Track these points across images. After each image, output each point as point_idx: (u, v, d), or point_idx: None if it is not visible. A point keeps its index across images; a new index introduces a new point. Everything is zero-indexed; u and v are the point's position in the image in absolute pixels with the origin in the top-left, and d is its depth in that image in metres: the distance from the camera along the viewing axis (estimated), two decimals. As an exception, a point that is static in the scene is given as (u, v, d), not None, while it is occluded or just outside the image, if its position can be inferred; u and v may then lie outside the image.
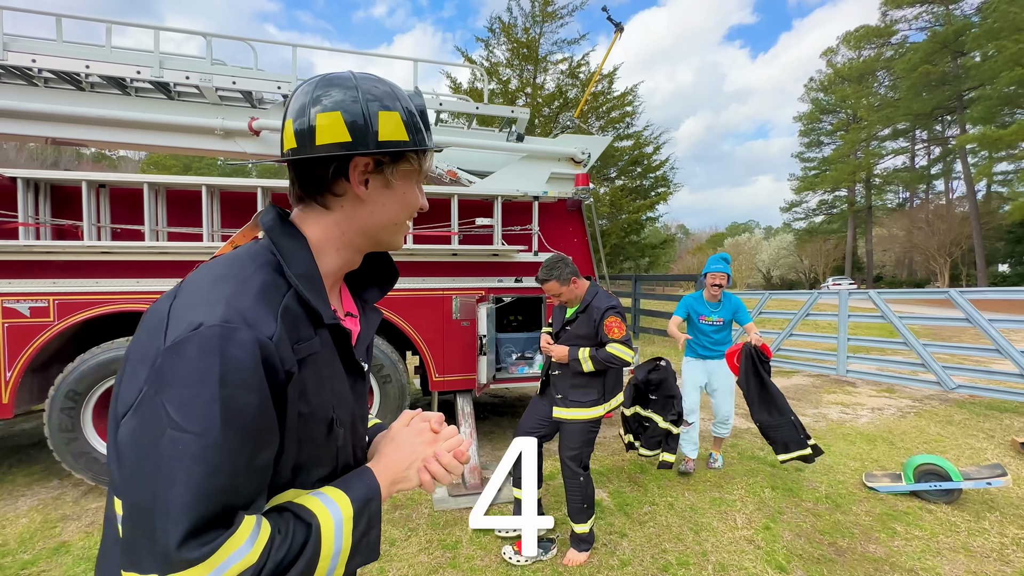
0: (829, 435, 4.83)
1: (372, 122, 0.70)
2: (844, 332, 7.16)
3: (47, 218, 3.62)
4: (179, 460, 0.55)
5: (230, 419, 0.56)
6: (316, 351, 0.69)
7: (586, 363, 2.65)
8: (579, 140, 5.12)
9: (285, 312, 0.65)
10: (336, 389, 0.74)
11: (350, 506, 0.69)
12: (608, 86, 16.90)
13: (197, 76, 4.25)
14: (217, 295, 0.62)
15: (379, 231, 0.78)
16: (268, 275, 0.67)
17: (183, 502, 0.54)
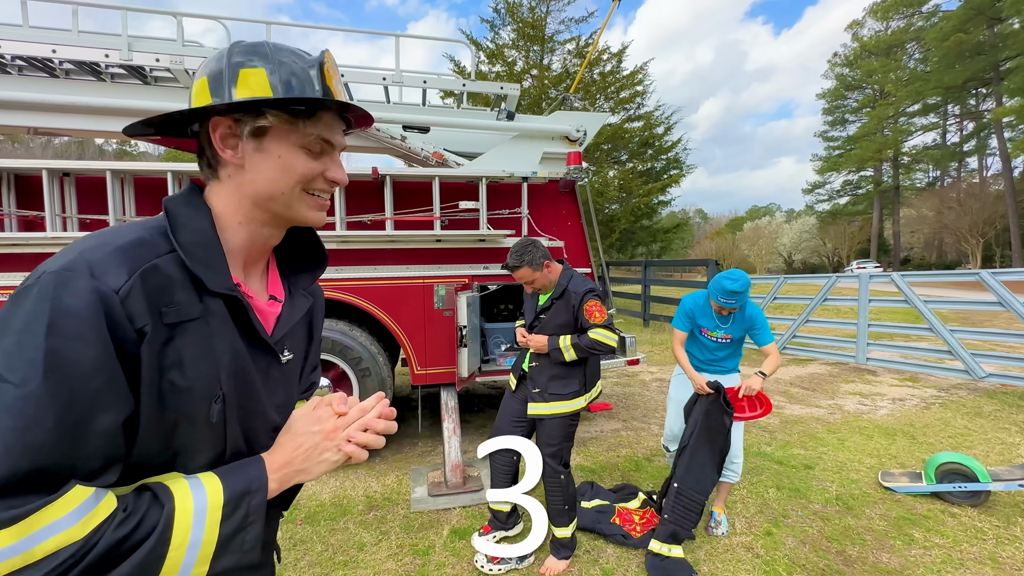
0: (844, 428, 4.51)
1: (231, 80, 0.67)
2: (864, 317, 6.74)
3: (11, 209, 3.51)
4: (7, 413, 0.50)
5: (55, 370, 0.52)
6: (194, 318, 0.64)
7: (568, 352, 2.44)
8: (574, 117, 4.81)
9: (152, 270, 0.61)
10: (229, 365, 0.68)
11: (220, 494, 0.63)
12: (617, 65, 16.31)
13: (167, 58, 4.06)
14: (77, 247, 0.59)
15: (269, 201, 0.72)
16: (146, 236, 0.64)
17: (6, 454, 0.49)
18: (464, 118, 4.85)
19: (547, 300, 2.58)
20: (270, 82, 0.67)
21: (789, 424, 4.65)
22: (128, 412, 0.58)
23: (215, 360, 0.66)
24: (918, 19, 35.44)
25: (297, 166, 0.71)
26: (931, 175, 42.45)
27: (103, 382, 0.55)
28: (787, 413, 4.99)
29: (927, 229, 37.18)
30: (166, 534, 0.57)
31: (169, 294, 0.62)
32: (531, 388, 2.60)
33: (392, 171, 3.85)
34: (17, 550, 0.49)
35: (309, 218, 0.76)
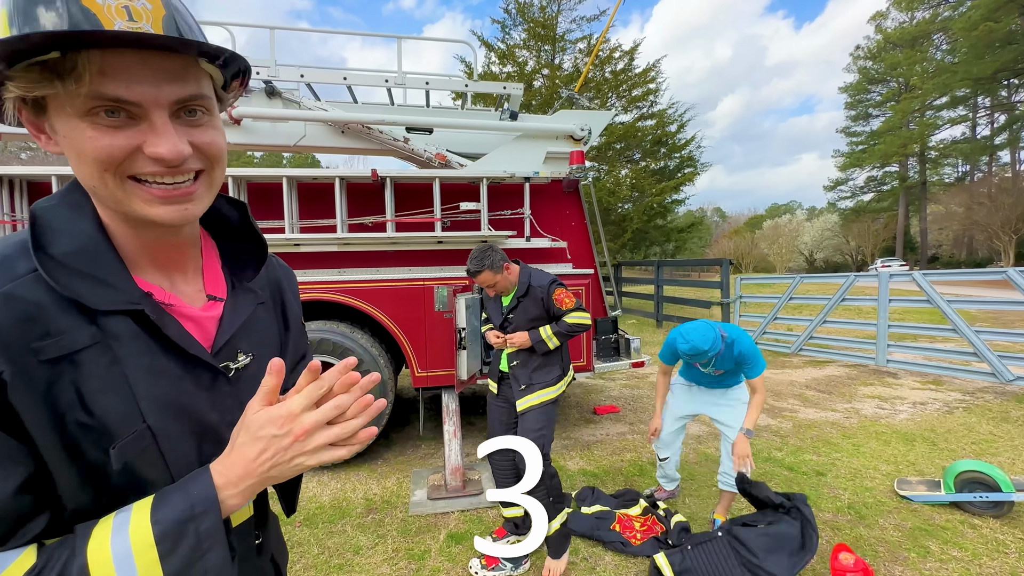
0: (860, 433, 4.34)
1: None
2: (884, 318, 6.51)
3: (24, 215, 3.60)
4: None
5: None
6: (85, 346, 0.53)
7: (551, 340, 2.55)
8: (578, 116, 4.75)
9: (7, 300, 0.49)
10: (151, 392, 0.57)
11: (148, 532, 0.51)
12: (629, 63, 16.13)
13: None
14: None
15: (96, 198, 0.57)
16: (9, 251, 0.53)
17: None
18: (467, 119, 4.83)
19: (512, 300, 2.65)
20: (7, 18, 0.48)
21: (802, 428, 4.51)
22: (25, 471, 0.50)
23: (128, 390, 0.55)
24: (944, 9, 34.33)
25: (85, 147, 0.51)
26: (960, 170, 41.00)
27: None
28: (801, 417, 4.84)
29: (956, 226, 35.89)
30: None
31: (41, 324, 0.51)
32: (517, 386, 2.61)
33: (393, 173, 3.85)
34: None
35: (150, 214, 0.56)
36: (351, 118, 4.38)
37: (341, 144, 4.62)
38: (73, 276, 0.53)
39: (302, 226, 3.82)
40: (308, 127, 4.52)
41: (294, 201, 3.82)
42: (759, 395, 2.64)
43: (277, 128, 4.51)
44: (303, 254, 3.80)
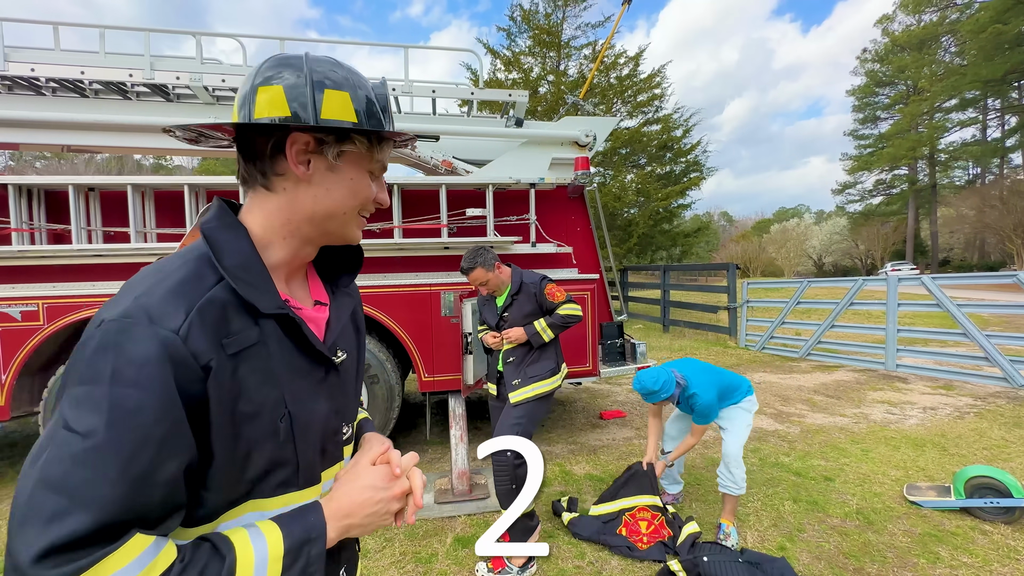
0: (869, 438, 4.31)
1: (316, 98, 0.65)
2: (894, 322, 6.46)
3: (41, 223, 3.69)
4: (59, 463, 0.50)
5: (119, 420, 0.51)
6: (253, 343, 0.64)
7: (546, 332, 2.68)
8: (583, 122, 4.79)
9: (207, 304, 0.60)
10: (291, 384, 0.68)
11: (280, 544, 0.61)
12: (634, 69, 16.19)
13: (187, 76, 4.22)
14: (129, 292, 0.59)
15: (326, 220, 0.72)
16: (193, 268, 0.62)
17: (55, 508, 0.48)
18: (473, 126, 4.89)
19: (506, 299, 2.77)
20: (354, 108, 0.67)
21: (810, 434, 4.48)
22: (190, 458, 0.57)
23: (277, 381, 0.66)
24: (952, 11, 34.13)
25: (363, 189, 0.73)
26: (971, 172, 40.57)
27: (166, 429, 0.54)
28: (809, 422, 4.81)
29: (967, 229, 35.49)
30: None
31: (227, 324, 0.61)
32: (510, 381, 2.69)
33: (400, 180, 3.90)
34: None
35: (355, 237, 0.78)
36: (359, 126, 4.45)
37: (349, 152, 4.69)
38: (242, 284, 0.63)
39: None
40: (317, 135, 4.59)
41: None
42: (693, 438, 2.86)
43: (286, 137, 4.58)
44: (312, 260, 3.85)
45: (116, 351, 0.53)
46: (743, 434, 2.81)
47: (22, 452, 4.43)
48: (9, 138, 4.35)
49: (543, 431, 4.67)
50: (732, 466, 2.77)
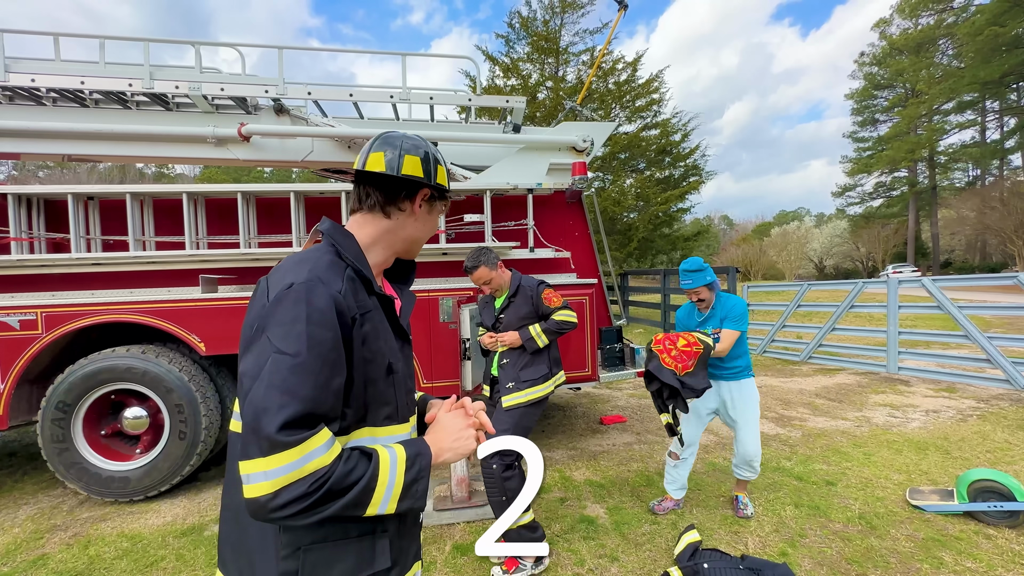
0: (871, 442, 4.28)
1: (435, 169, 1.04)
2: (895, 325, 6.44)
3: (41, 232, 3.70)
4: (279, 373, 0.75)
5: (313, 346, 0.78)
6: (371, 309, 0.91)
7: (540, 337, 2.68)
8: (580, 127, 4.80)
9: (351, 277, 0.90)
10: (390, 343, 0.96)
11: (403, 452, 0.87)
12: (632, 74, 16.26)
13: (186, 85, 4.25)
14: (301, 267, 0.86)
15: (414, 242, 1.08)
16: (333, 257, 0.91)
17: (282, 401, 0.74)
18: (471, 132, 4.91)
19: (504, 300, 2.78)
20: (447, 175, 1.08)
21: (812, 438, 4.45)
22: (346, 375, 0.84)
23: (385, 340, 0.94)
24: (948, 15, 34.28)
25: (435, 226, 1.11)
26: (971, 174, 40.59)
27: (338, 354, 0.81)
28: (810, 426, 4.78)
29: (968, 231, 35.45)
30: (375, 474, 0.81)
31: (357, 293, 0.90)
32: (503, 384, 2.68)
33: (397, 186, 3.91)
34: (296, 465, 0.73)
35: (416, 254, 1.14)
36: (357, 133, 4.47)
37: (347, 159, 4.70)
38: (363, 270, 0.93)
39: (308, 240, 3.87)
40: (315, 143, 4.61)
41: (301, 215, 3.89)
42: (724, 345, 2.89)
43: (286, 144, 4.61)
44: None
45: (308, 302, 0.80)
46: (757, 427, 2.95)
47: (21, 462, 4.42)
48: (11, 148, 4.38)
49: (543, 436, 4.65)
50: (751, 457, 2.97)
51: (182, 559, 2.77)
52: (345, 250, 0.93)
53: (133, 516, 3.33)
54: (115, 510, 3.43)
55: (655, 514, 3.12)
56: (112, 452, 3.53)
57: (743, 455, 3.00)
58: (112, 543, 2.96)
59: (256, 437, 0.73)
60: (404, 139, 1.01)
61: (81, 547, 2.92)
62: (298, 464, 0.73)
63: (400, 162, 0.98)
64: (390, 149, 0.99)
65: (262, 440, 0.72)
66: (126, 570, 2.68)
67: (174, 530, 3.08)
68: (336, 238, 0.95)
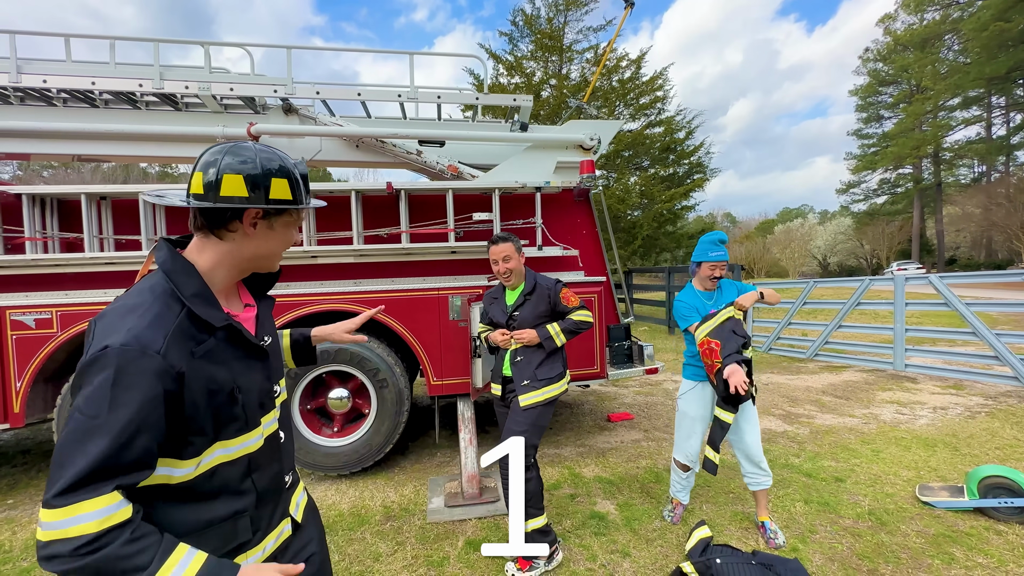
0: (879, 439, 4.29)
1: (268, 186, 0.97)
2: (901, 322, 6.43)
3: (54, 232, 3.74)
4: (76, 432, 0.78)
5: (115, 408, 0.79)
6: (212, 347, 0.94)
7: (559, 337, 2.64)
8: (587, 125, 4.81)
9: (177, 329, 0.88)
10: (237, 368, 0.99)
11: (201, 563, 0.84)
12: (636, 71, 16.22)
13: (196, 85, 4.27)
14: (122, 324, 0.84)
15: (259, 259, 1.06)
16: (163, 304, 0.89)
17: (72, 460, 0.76)
18: (478, 131, 4.92)
19: (518, 297, 2.71)
20: (290, 189, 1.00)
21: (820, 435, 4.46)
22: (161, 436, 0.84)
23: (230, 368, 0.97)
24: (954, 10, 34.04)
25: (289, 239, 1.08)
26: (976, 170, 40.34)
27: (147, 415, 0.81)
28: (818, 423, 4.79)
29: (974, 227, 35.28)
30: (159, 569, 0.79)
31: (193, 338, 0.90)
32: (519, 383, 2.63)
33: (407, 185, 3.93)
34: (61, 525, 0.74)
35: (275, 267, 1.13)
36: (365, 132, 4.49)
37: (356, 158, 4.73)
38: (199, 307, 0.92)
39: (319, 239, 3.90)
40: (324, 142, 4.64)
41: (311, 214, 3.91)
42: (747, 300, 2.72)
43: (294, 144, 4.63)
44: (320, 266, 3.89)
45: (116, 367, 0.80)
46: (757, 425, 2.84)
47: (35, 459, 4.47)
48: (21, 149, 4.41)
49: (551, 433, 4.67)
50: (761, 462, 2.83)
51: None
52: (184, 287, 0.91)
53: (148, 512, 3.36)
54: (130, 506, 3.46)
55: (673, 524, 3.00)
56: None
57: (748, 457, 2.83)
58: (129, 539, 2.99)
59: (48, 486, 0.77)
60: (228, 154, 0.94)
61: (98, 543, 2.95)
62: (63, 524, 0.74)
63: (218, 183, 0.92)
64: (210, 169, 0.93)
65: (47, 492, 0.76)
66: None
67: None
68: (173, 276, 0.92)
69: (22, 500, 3.64)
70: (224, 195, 0.93)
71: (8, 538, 3.06)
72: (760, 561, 2.42)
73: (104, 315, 0.88)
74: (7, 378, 3.37)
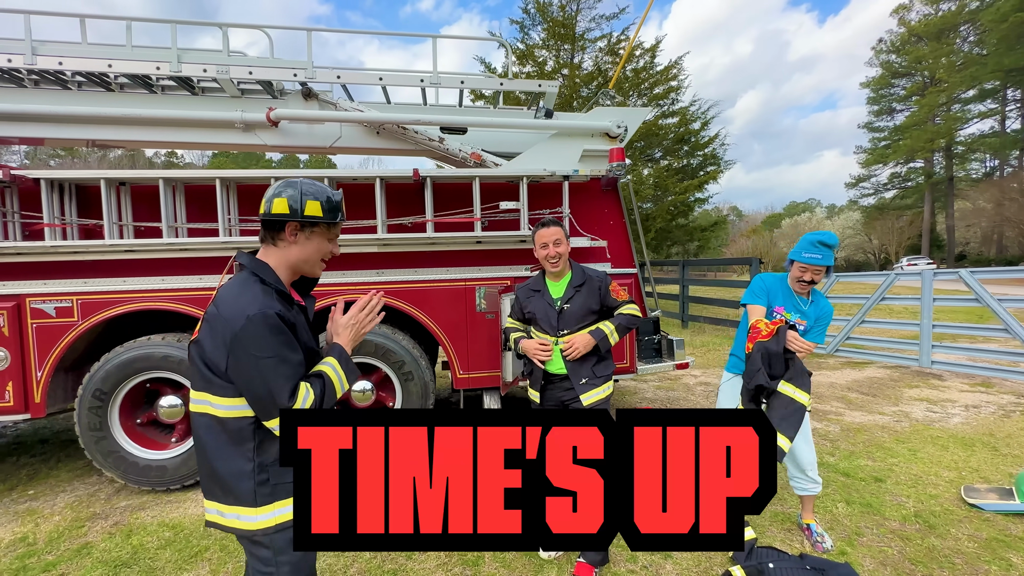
0: (915, 438, 4.18)
1: (303, 205, 1.35)
2: (929, 317, 6.28)
3: (73, 218, 3.64)
4: (272, 370, 1.23)
5: (275, 345, 1.25)
6: (295, 316, 1.36)
7: (613, 335, 2.45)
8: (614, 113, 4.66)
9: (279, 296, 1.33)
10: (308, 335, 1.42)
11: (334, 359, 1.40)
12: (651, 61, 15.95)
13: (214, 68, 4.15)
14: (245, 301, 1.26)
15: (302, 263, 1.43)
16: (260, 287, 1.31)
17: (282, 383, 1.24)
18: (502, 117, 4.78)
19: (566, 289, 2.51)
20: (321, 209, 1.37)
21: (851, 432, 4.36)
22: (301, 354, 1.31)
23: (305, 333, 1.39)
24: (972, 0, 33.33)
25: (324, 248, 1.44)
26: (989, 165, 39.78)
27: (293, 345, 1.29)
28: (848, 420, 4.68)
29: (985, 223, 34.85)
30: (330, 379, 1.35)
31: (286, 306, 1.32)
32: (577, 381, 2.44)
33: (432, 173, 3.82)
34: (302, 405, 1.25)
35: (318, 273, 1.51)
36: (387, 119, 4.36)
37: (376, 145, 4.61)
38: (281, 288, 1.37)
39: (342, 227, 3.80)
40: (344, 128, 4.51)
41: (335, 202, 3.81)
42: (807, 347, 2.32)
43: (314, 130, 4.51)
44: (343, 255, 3.79)
45: (265, 322, 1.23)
46: (808, 429, 2.66)
47: (54, 449, 4.42)
48: (35, 133, 4.31)
49: (575, 429, 4.58)
50: (808, 469, 2.65)
51: (226, 550, 2.73)
52: (266, 277, 1.33)
53: (172, 505, 3.30)
54: (153, 499, 3.40)
55: None
56: (148, 441, 3.50)
57: (799, 463, 2.65)
58: (154, 532, 2.93)
59: (273, 408, 1.23)
60: (283, 185, 1.36)
61: (124, 536, 2.89)
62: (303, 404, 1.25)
63: (269, 206, 1.34)
64: (268, 197, 1.36)
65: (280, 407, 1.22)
66: (171, 560, 2.66)
67: (215, 520, 3.05)
68: (257, 271, 1.34)
69: (43, 491, 3.58)
70: (274, 212, 1.34)
71: (32, 530, 3.01)
72: (812, 565, 2.33)
73: (220, 302, 1.28)
74: (28, 367, 3.30)
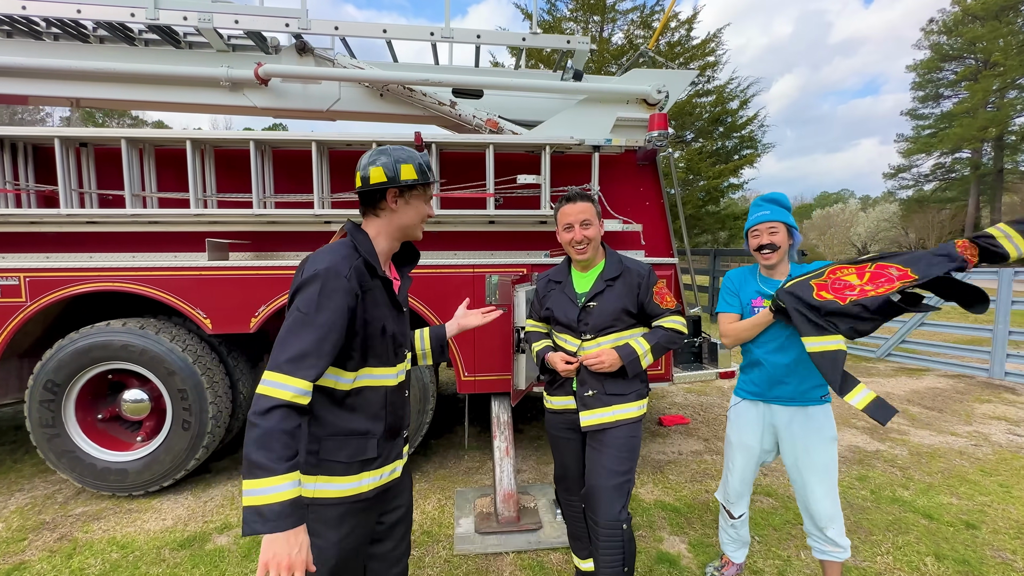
0: (1003, 469, 3.52)
1: (399, 171, 1.39)
2: (1005, 323, 5.50)
3: (30, 184, 3.20)
4: (296, 324, 1.19)
5: (320, 309, 1.20)
6: (373, 288, 1.35)
7: (646, 357, 1.83)
8: (654, 75, 3.98)
9: (357, 267, 1.30)
10: (385, 312, 1.39)
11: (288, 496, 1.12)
12: (687, 34, 14.90)
13: (196, 16, 3.62)
14: (324, 259, 1.27)
15: (405, 228, 1.46)
16: (348, 252, 1.32)
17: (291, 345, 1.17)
18: (523, 79, 4.16)
19: (595, 282, 1.92)
20: (415, 171, 1.41)
21: (923, 457, 3.71)
22: (342, 340, 1.25)
23: (380, 308, 1.37)
24: (1039, -25, 30.68)
25: (423, 210, 1.48)
26: (1043, 156, 37.08)
27: (337, 320, 1.22)
28: (915, 441, 4.03)
29: (1036, 218, 32.58)
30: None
31: (363, 277, 1.32)
32: (583, 393, 1.89)
33: (439, 138, 3.26)
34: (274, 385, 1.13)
35: (419, 235, 1.50)
36: (392, 77, 3.79)
37: (380, 109, 4.04)
38: (370, 258, 1.35)
39: (333, 200, 3.28)
40: (343, 89, 3.96)
41: (325, 171, 3.28)
42: None
43: (309, 90, 3.96)
44: (322, 234, 3.29)
45: (323, 283, 1.22)
46: (834, 477, 1.96)
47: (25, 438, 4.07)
48: (16, 89, 3.88)
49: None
50: (827, 528, 1.94)
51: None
52: (360, 245, 1.35)
53: (131, 515, 2.89)
54: (112, 505, 3.00)
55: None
56: (110, 440, 3.09)
57: (813, 517, 1.98)
58: (100, 552, 2.51)
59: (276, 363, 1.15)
60: (375, 154, 1.39)
61: (64, 556, 2.48)
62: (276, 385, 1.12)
63: (367, 175, 1.37)
64: (363, 167, 1.39)
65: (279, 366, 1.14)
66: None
67: (172, 539, 2.61)
68: (355, 237, 1.36)
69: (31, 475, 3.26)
70: (373, 182, 1.37)
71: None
72: None
73: (309, 258, 1.29)
74: (-30, 353, 2.89)
